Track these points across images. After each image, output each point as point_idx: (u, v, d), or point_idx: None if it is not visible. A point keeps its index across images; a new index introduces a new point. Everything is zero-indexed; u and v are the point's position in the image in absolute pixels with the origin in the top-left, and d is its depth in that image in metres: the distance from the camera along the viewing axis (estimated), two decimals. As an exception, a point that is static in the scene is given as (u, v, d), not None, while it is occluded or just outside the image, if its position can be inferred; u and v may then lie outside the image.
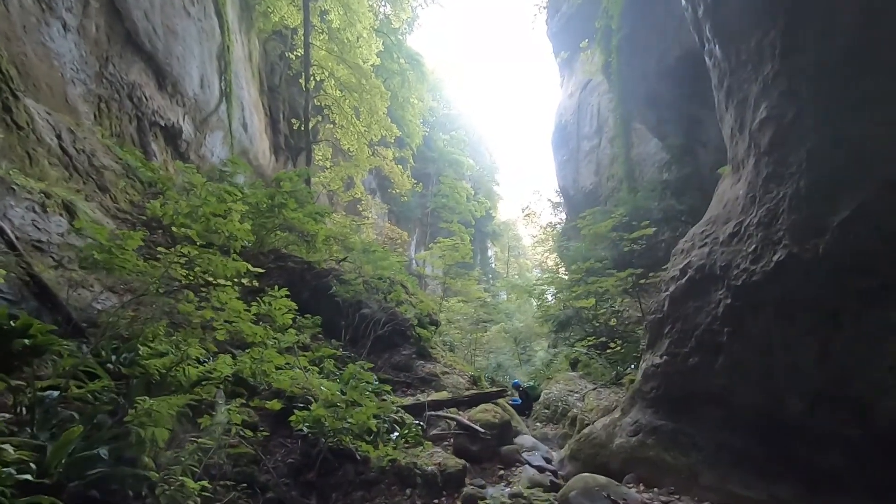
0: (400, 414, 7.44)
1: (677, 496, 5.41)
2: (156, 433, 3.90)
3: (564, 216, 34.32)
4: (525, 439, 8.06)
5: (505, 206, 51.80)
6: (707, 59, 6.87)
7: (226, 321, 5.44)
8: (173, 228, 7.21)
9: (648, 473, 5.89)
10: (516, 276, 43.75)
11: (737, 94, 5.98)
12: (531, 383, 13.43)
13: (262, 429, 5.49)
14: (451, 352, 16.39)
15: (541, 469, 7.02)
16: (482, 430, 7.24)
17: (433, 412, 8.47)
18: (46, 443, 3.72)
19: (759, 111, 5.48)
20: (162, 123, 15.31)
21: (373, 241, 19.60)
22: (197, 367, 6.09)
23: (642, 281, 9.70)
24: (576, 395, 11.09)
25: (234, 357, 6.92)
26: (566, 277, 18.72)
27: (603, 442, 6.65)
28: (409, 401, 9.19)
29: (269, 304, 7.08)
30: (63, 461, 3.57)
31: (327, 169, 22.68)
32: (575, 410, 10.38)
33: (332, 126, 23.34)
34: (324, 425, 5.39)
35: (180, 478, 3.73)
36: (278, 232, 11.35)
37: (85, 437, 3.79)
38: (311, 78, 21.44)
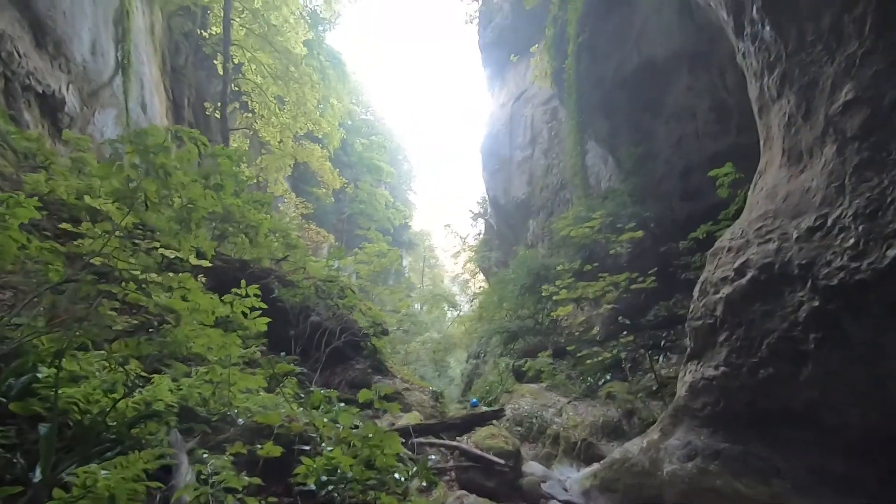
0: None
1: (767, 534, 4.49)
2: (115, 534, 2.06)
3: (483, 227, 34.14)
4: (534, 467, 6.82)
5: (420, 215, 50.89)
6: (746, 43, 6.27)
7: (201, 324, 3.55)
8: (98, 203, 5.08)
9: (718, 507, 4.94)
10: (430, 287, 42.81)
11: (799, 78, 5.37)
12: (475, 400, 12.22)
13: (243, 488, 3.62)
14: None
15: (569, 505, 5.82)
16: (501, 461, 5.86)
17: (420, 439, 6.92)
18: None
19: (839, 93, 4.86)
20: (39, 90, 12.07)
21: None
22: (130, 397, 4.11)
23: (633, 286, 9.08)
24: (550, 409, 10.10)
25: (175, 379, 4.92)
26: (505, 289, 17.91)
27: (647, 469, 5.61)
28: (384, 423, 7.52)
29: (231, 304, 5.17)
30: None
31: (243, 162, 19.90)
32: (555, 427, 9.37)
33: (249, 115, 20.64)
34: (344, 477, 3.70)
35: None
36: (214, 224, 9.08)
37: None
38: (230, 59, 18.77)
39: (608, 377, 10.21)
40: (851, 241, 4.49)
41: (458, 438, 6.97)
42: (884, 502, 4.13)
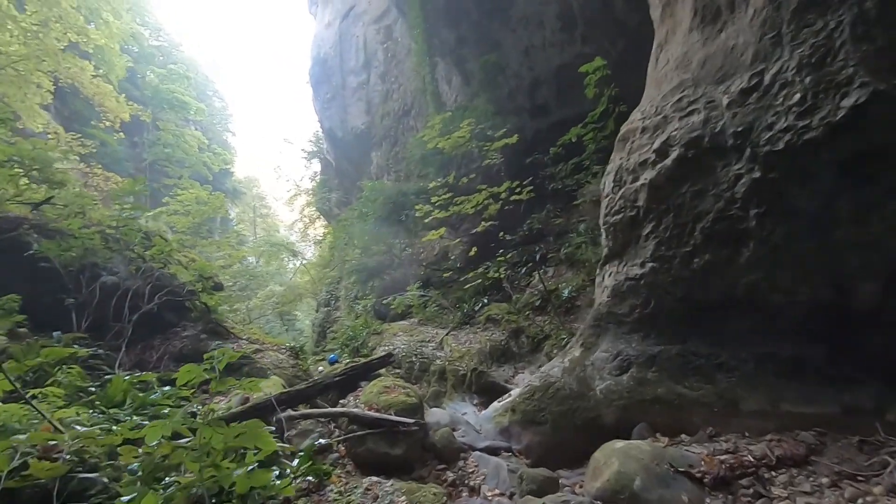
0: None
1: (723, 438, 3.89)
2: None
3: (320, 167, 30.85)
4: (436, 414, 5.53)
5: (244, 160, 44.66)
6: None
7: None
8: None
9: (664, 418, 4.23)
10: (264, 238, 38.34)
11: (714, -84, 4.46)
12: (336, 355, 10.39)
13: None
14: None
15: (493, 451, 4.69)
16: (409, 421, 4.39)
17: (290, 412, 5.10)
18: None
19: (769, -73, 4.04)
20: None
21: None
22: None
23: (513, 197, 8.05)
24: (429, 344, 8.95)
25: None
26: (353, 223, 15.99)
27: (576, 392, 4.70)
28: (233, 402, 5.47)
29: None
30: None
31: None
32: (438, 362, 8.26)
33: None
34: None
35: None
36: None
37: None
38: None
39: (485, 300, 9.39)
40: (797, 96, 3.79)
41: (341, 402, 5.29)
42: (832, 379, 3.74)
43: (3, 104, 9.18)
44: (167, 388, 5.49)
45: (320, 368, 10.07)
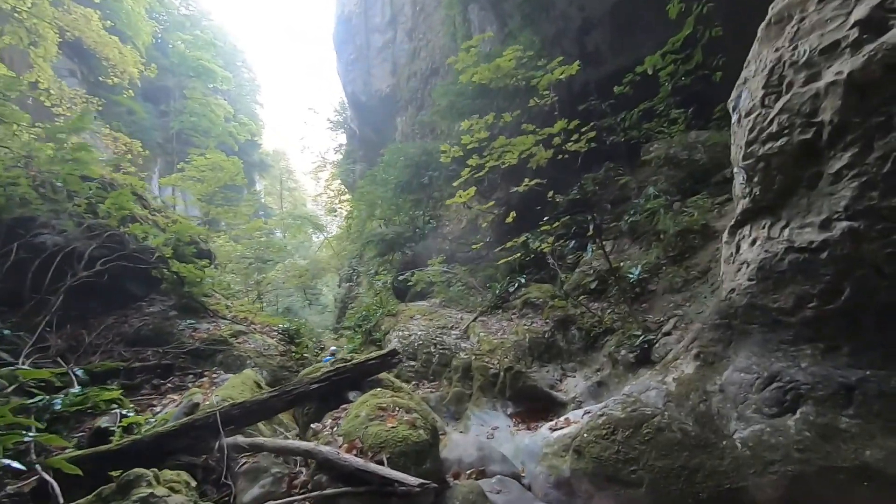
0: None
1: None
2: None
3: (345, 139, 29.09)
4: (461, 445, 3.64)
5: (273, 134, 43.33)
6: None
7: None
8: None
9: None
10: (290, 210, 37.08)
11: None
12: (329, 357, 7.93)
13: None
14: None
15: (548, 526, 2.77)
16: (411, 482, 2.50)
17: (239, 438, 3.30)
18: None
19: None
20: None
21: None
22: None
23: (569, 146, 5.88)
24: (452, 332, 7.07)
25: None
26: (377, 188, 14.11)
27: (694, 437, 2.72)
28: (178, 409, 3.72)
29: None
30: None
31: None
32: (463, 355, 6.38)
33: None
34: None
35: None
36: None
37: None
38: None
39: (522, 280, 7.40)
40: None
41: (312, 426, 3.44)
42: None
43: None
44: (76, 388, 3.82)
45: (330, 351, 8.33)
